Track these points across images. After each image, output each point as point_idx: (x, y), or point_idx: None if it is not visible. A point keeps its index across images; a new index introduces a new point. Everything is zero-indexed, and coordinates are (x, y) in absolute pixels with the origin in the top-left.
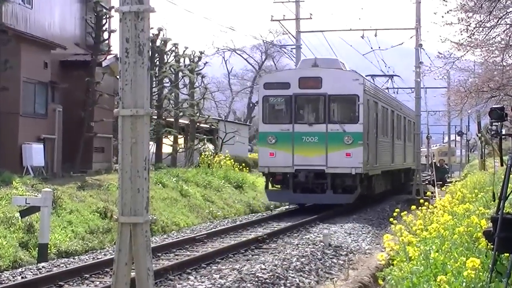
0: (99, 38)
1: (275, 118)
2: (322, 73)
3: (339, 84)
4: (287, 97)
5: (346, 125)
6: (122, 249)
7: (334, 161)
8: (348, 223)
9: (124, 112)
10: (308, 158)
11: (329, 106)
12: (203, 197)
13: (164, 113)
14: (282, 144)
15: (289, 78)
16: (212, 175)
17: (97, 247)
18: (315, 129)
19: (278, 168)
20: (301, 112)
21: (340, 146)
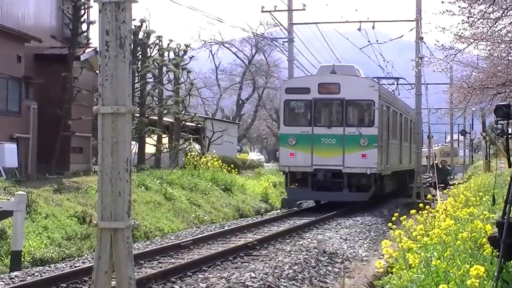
0: (77, 30)
1: (296, 121)
2: (340, 79)
3: (356, 90)
4: (307, 102)
5: (362, 128)
6: (101, 257)
7: (351, 161)
8: (344, 228)
9: (104, 110)
10: (326, 158)
11: (346, 110)
12: (188, 200)
13: (147, 111)
14: (302, 145)
15: (309, 83)
16: (199, 177)
17: (75, 254)
18: (333, 131)
19: (298, 167)
20: (320, 115)
21: (356, 147)
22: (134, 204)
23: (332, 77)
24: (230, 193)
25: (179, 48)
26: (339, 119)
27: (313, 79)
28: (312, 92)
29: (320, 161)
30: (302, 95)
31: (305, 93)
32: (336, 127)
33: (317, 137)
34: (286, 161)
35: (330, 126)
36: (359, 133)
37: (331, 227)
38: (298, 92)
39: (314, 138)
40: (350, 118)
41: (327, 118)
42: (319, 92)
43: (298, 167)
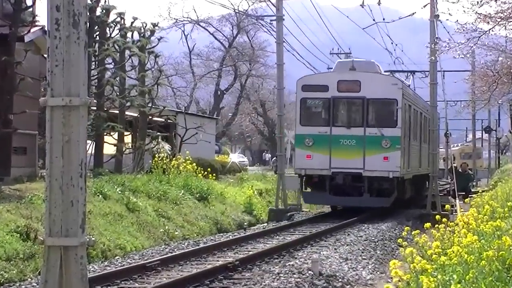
0: (20, 4)
1: (313, 121)
2: (360, 76)
3: (378, 88)
4: (325, 100)
5: (384, 129)
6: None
7: (372, 164)
8: (345, 245)
9: (53, 102)
10: (345, 161)
11: (367, 109)
12: (156, 212)
13: (106, 103)
14: (319, 146)
15: (327, 81)
16: (169, 184)
17: (16, 278)
18: (353, 132)
19: (314, 170)
20: (339, 115)
21: (378, 149)
22: (89, 217)
23: (352, 74)
24: (206, 203)
25: (144, 27)
26: (360, 119)
27: (332, 76)
28: (331, 90)
29: (339, 164)
30: (320, 93)
31: (323, 91)
32: (356, 128)
33: (335, 138)
34: (302, 163)
35: (349, 127)
36: (380, 134)
37: (328, 243)
38: (315, 89)
39: (332, 139)
40: (371, 118)
41: (346, 117)
42: (338, 90)
43: (315, 169)
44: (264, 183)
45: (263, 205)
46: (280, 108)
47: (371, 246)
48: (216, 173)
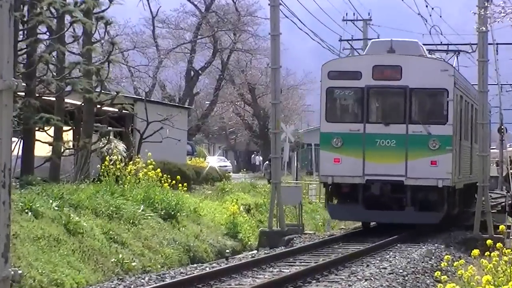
0: None
1: (342, 116)
2: (402, 60)
3: (424, 75)
4: (358, 90)
5: (431, 126)
6: None
7: (416, 170)
8: (362, 280)
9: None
10: (382, 166)
11: (410, 102)
12: (106, 235)
13: (38, 87)
14: (350, 148)
15: (360, 66)
16: (123, 197)
17: None
18: (392, 130)
19: (344, 178)
20: (374, 108)
21: (424, 152)
22: (15, 242)
23: (391, 57)
24: (174, 223)
25: None
26: (401, 113)
27: (366, 60)
28: (365, 77)
29: (375, 170)
30: (351, 81)
31: (355, 79)
32: (397, 125)
33: (370, 137)
34: (329, 169)
35: (388, 123)
36: (427, 133)
37: (340, 278)
38: (345, 77)
39: (366, 139)
40: (416, 112)
41: (384, 112)
42: (373, 78)
43: (345, 177)
44: (253, 196)
45: (251, 225)
46: (276, 94)
47: (398, 282)
48: (188, 182)
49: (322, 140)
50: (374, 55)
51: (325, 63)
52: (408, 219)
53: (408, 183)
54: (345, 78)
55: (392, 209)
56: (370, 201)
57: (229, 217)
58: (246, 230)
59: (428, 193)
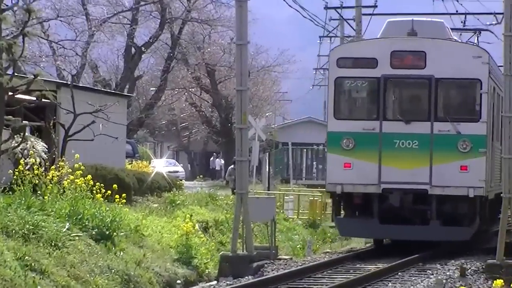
0: None
1: (354, 112)
2: (426, 45)
3: (452, 62)
4: (373, 80)
5: (461, 123)
6: None
7: (443, 177)
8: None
9: None
10: (402, 172)
11: (436, 95)
12: (20, 261)
13: None
14: (363, 150)
15: (376, 51)
16: (43, 211)
17: None
18: (414, 129)
19: (356, 186)
20: (393, 103)
21: (452, 155)
22: None
23: (414, 41)
24: (110, 246)
25: None
26: (424, 109)
27: (382, 45)
28: (381, 65)
29: (393, 176)
30: (365, 69)
31: (369, 67)
32: (420, 122)
33: (388, 137)
34: (338, 175)
35: (409, 121)
36: (456, 132)
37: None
38: (357, 65)
39: (383, 139)
40: (443, 107)
41: (404, 107)
42: (392, 66)
43: (357, 185)
44: (212, 210)
45: (210, 248)
46: (242, 79)
47: None
48: (128, 193)
49: (330, 141)
50: (393, 38)
51: (334, 49)
52: (433, 236)
53: (434, 192)
54: (358, 67)
55: (414, 223)
56: (387, 214)
57: (180, 237)
58: (203, 254)
59: (457, 204)
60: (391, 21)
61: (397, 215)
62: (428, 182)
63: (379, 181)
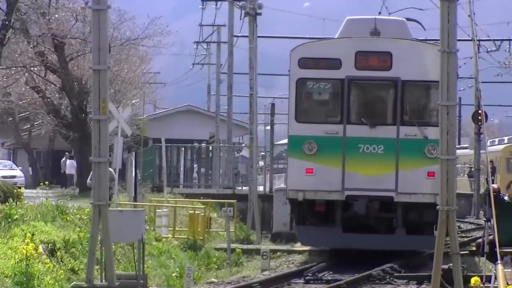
0: None
1: (316, 115)
2: (391, 45)
3: (419, 64)
4: (337, 82)
5: (428, 128)
6: None
7: (409, 183)
8: None
9: None
10: (367, 178)
11: (402, 97)
12: None
13: None
14: (326, 155)
15: (339, 51)
16: None
17: None
18: (379, 133)
19: (319, 193)
20: (357, 105)
21: (419, 160)
22: None
23: (379, 41)
24: None
25: None
26: (390, 112)
27: (346, 45)
28: (345, 66)
29: (358, 183)
30: (328, 70)
31: (333, 68)
32: (385, 126)
33: (352, 141)
34: (299, 181)
35: (374, 124)
36: (423, 136)
37: None
38: (320, 65)
39: (347, 144)
40: (409, 111)
41: (369, 110)
42: (356, 67)
43: (320, 192)
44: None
45: (58, 278)
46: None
47: None
48: None
49: (291, 145)
50: (357, 38)
51: (295, 48)
52: (399, 245)
53: (400, 199)
54: (321, 67)
55: (378, 232)
56: (351, 222)
57: (19, 263)
58: (49, 285)
59: (423, 211)
60: (351, 19)
61: (361, 223)
62: (394, 189)
63: (342, 188)
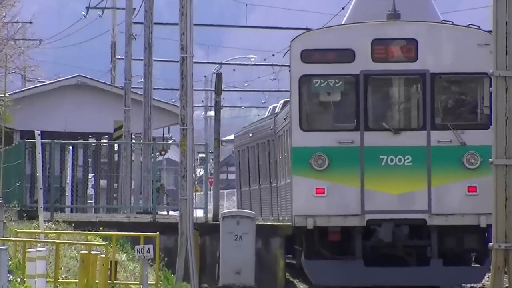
0: None
1: (326, 121)
2: (417, 30)
3: (452, 52)
4: (350, 79)
5: (466, 132)
6: None
7: (445, 202)
8: None
9: None
10: (392, 197)
11: (432, 95)
12: None
13: None
14: (340, 170)
15: (351, 40)
16: None
17: None
18: (405, 140)
19: (333, 218)
20: (377, 107)
21: (457, 172)
22: None
23: (401, 26)
24: None
25: None
26: (418, 114)
27: (359, 31)
28: (359, 58)
29: (381, 203)
30: (338, 64)
31: (344, 61)
32: (412, 132)
33: (372, 152)
34: (308, 204)
35: (398, 130)
36: (460, 143)
37: None
38: (329, 58)
39: (366, 155)
40: (442, 111)
41: (391, 112)
42: (373, 59)
43: (334, 217)
44: None
45: None
46: None
47: None
48: None
49: (296, 159)
50: (373, 23)
51: (296, 38)
52: (434, 279)
53: (434, 222)
54: (329, 61)
55: (408, 264)
56: (374, 254)
57: None
58: None
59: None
60: None
61: (387, 254)
62: (426, 209)
63: (362, 211)
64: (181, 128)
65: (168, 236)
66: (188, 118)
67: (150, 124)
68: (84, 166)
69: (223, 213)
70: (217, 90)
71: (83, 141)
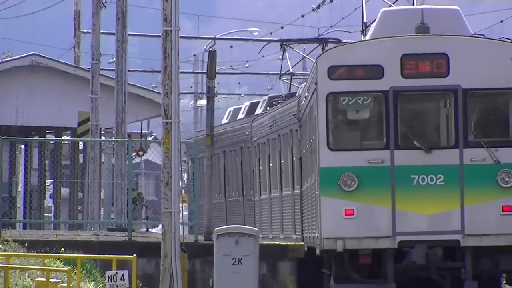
0: None
1: (355, 140)
2: (448, 45)
3: (485, 67)
4: (379, 96)
5: (500, 149)
6: None
7: (479, 222)
8: None
9: None
10: (425, 218)
11: (464, 111)
12: None
13: None
14: (370, 190)
15: (380, 56)
16: None
17: None
18: (437, 159)
19: (363, 240)
20: (407, 125)
21: (491, 191)
22: None
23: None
24: None
25: None
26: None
27: (388, 46)
28: (389, 74)
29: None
30: (367, 81)
31: (373, 77)
32: (444, 150)
33: (403, 171)
34: (336, 226)
35: (430, 148)
36: (495, 161)
37: None
38: (357, 75)
39: (397, 175)
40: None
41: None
42: (403, 75)
43: (365, 239)
44: None
45: None
46: None
47: None
48: None
49: (324, 180)
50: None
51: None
52: None
53: (467, 243)
54: (358, 77)
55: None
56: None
57: None
58: None
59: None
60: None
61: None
62: (459, 230)
63: (393, 232)
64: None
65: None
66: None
67: (124, 117)
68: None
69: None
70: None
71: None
